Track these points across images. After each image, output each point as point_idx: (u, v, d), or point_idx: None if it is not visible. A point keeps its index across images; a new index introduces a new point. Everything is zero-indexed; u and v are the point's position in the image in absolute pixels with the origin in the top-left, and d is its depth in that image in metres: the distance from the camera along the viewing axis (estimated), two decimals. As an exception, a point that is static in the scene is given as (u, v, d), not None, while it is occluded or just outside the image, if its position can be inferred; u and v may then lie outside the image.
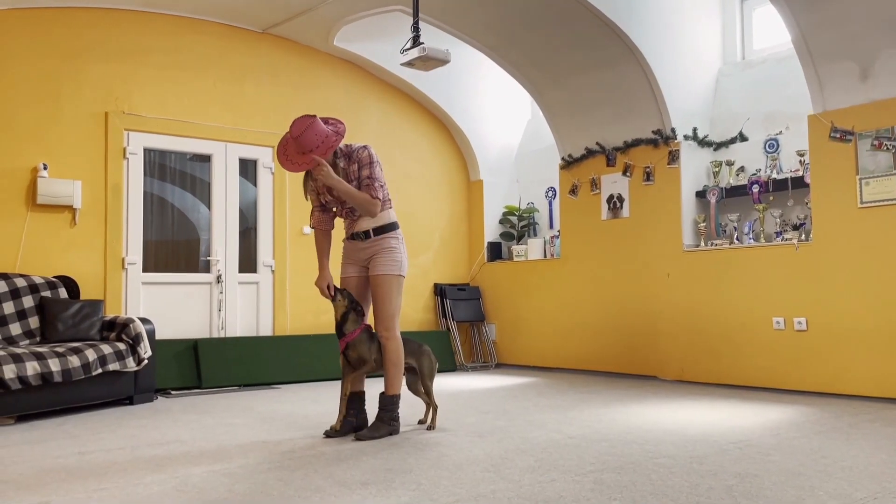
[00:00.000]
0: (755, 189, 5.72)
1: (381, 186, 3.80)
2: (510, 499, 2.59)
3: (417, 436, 3.80)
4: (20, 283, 5.11)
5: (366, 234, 3.84)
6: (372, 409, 4.03)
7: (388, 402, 3.77)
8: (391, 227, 3.85)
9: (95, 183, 5.81)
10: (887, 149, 4.90)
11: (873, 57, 4.90)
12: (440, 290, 7.59)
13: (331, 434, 3.76)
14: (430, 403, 4.03)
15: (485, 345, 7.71)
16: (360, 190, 3.76)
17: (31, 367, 4.30)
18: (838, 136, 5.11)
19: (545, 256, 7.32)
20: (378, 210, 3.78)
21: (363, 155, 3.77)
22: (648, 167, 6.31)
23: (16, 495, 2.72)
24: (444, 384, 6.11)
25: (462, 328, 7.71)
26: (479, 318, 7.70)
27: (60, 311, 5.08)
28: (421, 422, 4.11)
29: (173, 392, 5.67)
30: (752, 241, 5.75)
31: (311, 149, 3.63)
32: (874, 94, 4.97)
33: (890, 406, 4.64)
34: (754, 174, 5.90)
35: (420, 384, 4.03)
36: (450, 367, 7.23)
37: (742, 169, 6.04)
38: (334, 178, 3.68)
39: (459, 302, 7.62)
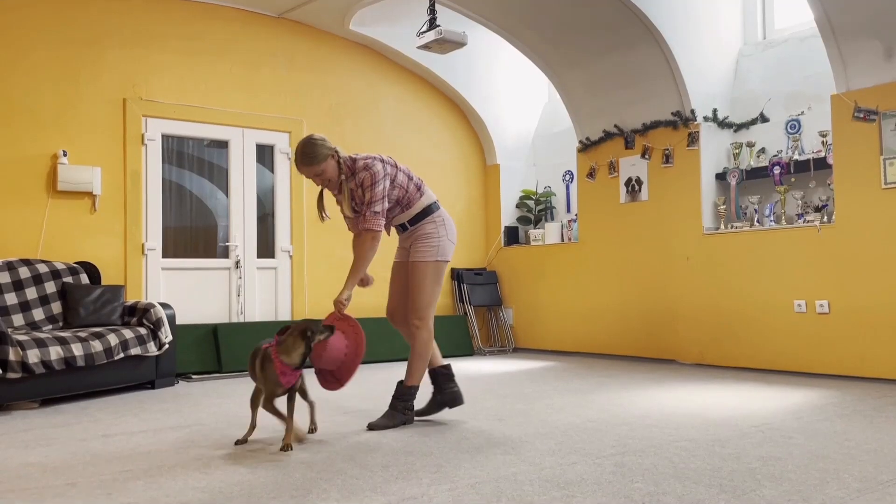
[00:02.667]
0: (776, 171, 5.64)
1: (380, 201, 3.53)
2: (531, 481, 2.59)
3: (437, 420, 3.80)
4: (42, 268, 5.16)
5: (403, 227, 3.78)
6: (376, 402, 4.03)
7: (405, 392, 3.68)
8: (426, 212, 3.72)
9: (114, 169, 5.84)
10: (912, 128, 4.81)
11: (899, 35, 4.80)
12: (457, 275, 7.58)
13: (240, 442, 3.31)
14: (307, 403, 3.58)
15: (502, 329, 7.70)
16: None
17: (55, 352, 4.35)
18: (862, 115, 5.03)
19: (562, 240, 7.29)
20: (374, 233, 3.54)
21: (363, 177, 3.54)
22: (667, 149, 6.25)
23: (42, 477, 2.76)
24: (461, 368, 6.12)
25: (479, 313, 7.71)
26: (496, 302, 7.69)
27: (82, 296, 5.13)
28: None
29: (194, 376, 5.71)
30: (773, 223, 5.68)
31: (338, 364, 3.47)
32: (899, 72, 4.88)
33: (914, 389, 4.59)
34: (776, 156, 5.82)
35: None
36: (467, 351, 7.23)
37: (763, 150, 5.96)
38: (346, 295, 3.50)
39: (476, 286, 7.61)
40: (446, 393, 3.80)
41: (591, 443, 3.19)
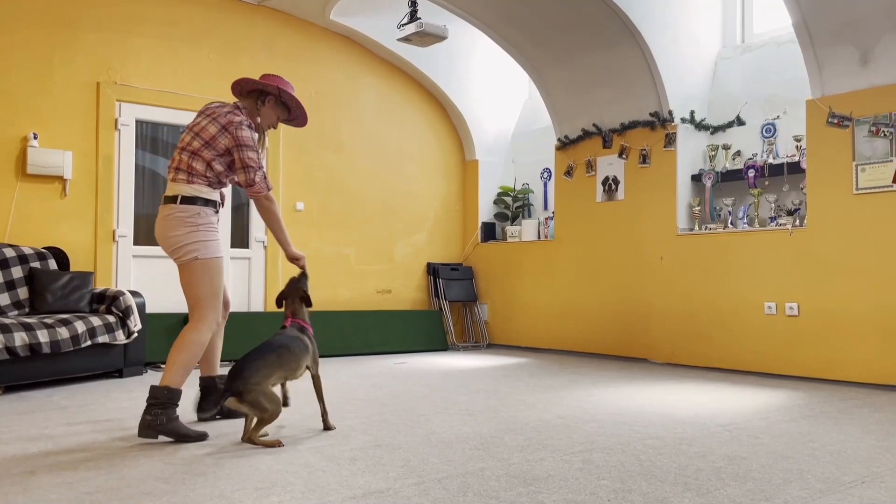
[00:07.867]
0: (751, 174, 5.69)
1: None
2: (498, 477, 2.58)
3: (407, 413, 3.79)
4: (9, 253, 5.06)
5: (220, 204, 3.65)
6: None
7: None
8: None
9: (86, 154, 5.74)
10: (885, 135, 4.88)
11: (874, 42, 4.86)
12: (433, 270, 7.57)
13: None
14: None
15: (477, 325, 7.70)
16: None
17: (20, 338, 4.27)
18: (836, 121, 5.09)
19: (539, 238, 7.30)
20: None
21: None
22: (645, 150, 6.28)
23: (2, 465, 2.70)
24: (434, 363, 6.11)
25: (454, 308, 7.70)
26: (472, 298, 7.69)
27: (50, 282, 5.04)
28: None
29: (163, 366, 5.63)
30: (746, 225, 5.74)
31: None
32: (874, 79, 4.94)
33: (879, 392, 4.66)
34: (751, 159, 5.87)
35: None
36: (441, 346, 7.22)
37: (738, 153, 6.01)
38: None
39: (452, 282, 7.60)
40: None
41: (560, 439, 3.20)
